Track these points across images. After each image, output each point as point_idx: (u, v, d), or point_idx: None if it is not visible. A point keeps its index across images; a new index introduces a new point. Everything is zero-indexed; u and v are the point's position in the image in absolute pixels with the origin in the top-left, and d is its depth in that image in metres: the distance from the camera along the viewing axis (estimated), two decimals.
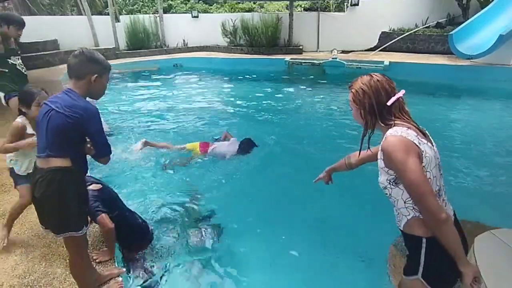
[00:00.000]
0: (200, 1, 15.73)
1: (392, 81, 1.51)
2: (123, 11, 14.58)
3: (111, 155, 1.93)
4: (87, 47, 1.89)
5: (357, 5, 10.91)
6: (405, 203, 1.45)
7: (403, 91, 1.49)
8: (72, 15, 15.19)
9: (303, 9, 13.05)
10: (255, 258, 2.70)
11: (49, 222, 1.83)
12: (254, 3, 14.37)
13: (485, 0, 9.37)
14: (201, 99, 7.36)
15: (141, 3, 15.48)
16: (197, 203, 3.40)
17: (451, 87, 7.69)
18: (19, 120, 2.45)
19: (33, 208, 1.88)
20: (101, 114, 1.82)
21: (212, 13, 14.15)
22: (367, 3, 10.89)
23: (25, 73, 3.91)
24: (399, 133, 1.38)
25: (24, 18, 3.82)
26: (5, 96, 3.75)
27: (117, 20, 11.41)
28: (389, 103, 1.45)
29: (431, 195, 1.32)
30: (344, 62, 9.21)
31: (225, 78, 9.62)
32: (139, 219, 2.75)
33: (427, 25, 10.53)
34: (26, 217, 2.85)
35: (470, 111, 6.38)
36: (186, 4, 15.15)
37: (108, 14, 11.57)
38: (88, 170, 1.97)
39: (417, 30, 10.34)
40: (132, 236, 2.64)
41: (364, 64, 9.02)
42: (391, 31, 10.73)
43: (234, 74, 9.72)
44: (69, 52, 8.31)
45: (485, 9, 8.61)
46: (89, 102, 1.82)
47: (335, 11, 12.16)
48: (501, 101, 6.86)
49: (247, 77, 9.28)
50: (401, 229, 1.53)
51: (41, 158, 1.74)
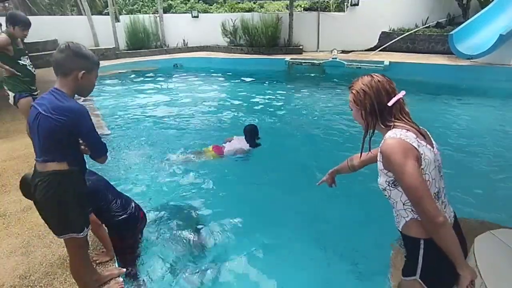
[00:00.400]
0: (200, 1, 15.73)
1: (392, 81, 1.51)
2: (123, 11, 14.60)
3: (108, 154, 1.88)
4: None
5: (357, 5, 10.92)
6: (404, 204, 1.45)
7: (403, 92, 1.48)
8: (72, 15, 15.22)
9: (303, 9, 13.05)
10: (255, 258, 2.70)
11: (50, 224, 1.83)
12: (254, 3, 14.37)
13: (485, 0, 9.37)
14: (201, 99, 7.36)
15: (141, 3, 15.49)
16: (195, 205, 3.40)
17: (451, 87, 7.68)
18: None
19: (33, 208, 1.88)
20: (100, 114, 1.80)
21: (212, 13, 14.15)
22: (367, 3, 10.89)
23: (34, 72, 3.91)
24: (398, 136, 1.37)
25: None
26: (15, 96, 3.75)
27: (117, 20, 11.43)
28: (390, 104, 1.44)
29: (429, 199, 1.32)
30: (344, 62, 9.21)
31: (225, 78, 9.61)
32: (118, 217, 2.40)
33: (427, 25, 10.53)
34: (26, 218, 2.87)
35: (470, 111, 6.37)
36: (186, 4, 15.15)
37: (108, 14, 11.59)
38: (86, 169, 1.92)
39: (417, 30, 10.34)
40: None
41: (364, 64, 9.01)
42: (391, 31, 10.74)
43: (234, 74, 9.72)
44: None
45: (485, 9, 8.60)
46: (77, 101, 1.72)
47: (335, 11, 12.16)
48: (501, 101, 6.86)
49: (247, 77, 9.27)
50: (400, 230, 1.54)
51: (39, 162, 1.72)
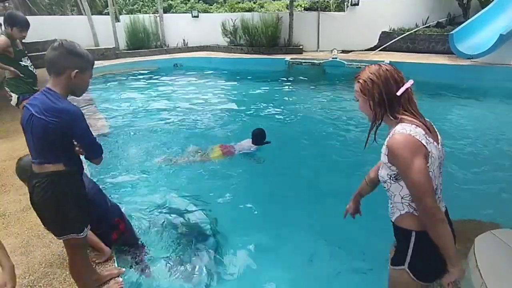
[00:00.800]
0: (200, 1, 15.72)
1: (400, 71, 1.45)
2: (123, 11, 14.58)
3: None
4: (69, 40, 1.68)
5: (357, 4, 10.89)
6: (402, 198, 1.45)
7: (411, 81, 1.43)
8: (72, 15, 15.21)
9: (303, 8, 13.02)
10: (255, 258, 2.70)
11: (50, 225, 1.82)
12: (254, 3, 14.36)
13: (485, 0, 9.36)
14: (201, 99, 7.35)
15: (141, 3, 15.47)
16: (196, 205, 3.40)
17: (452, 87, 7.67)
18: None
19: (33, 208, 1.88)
20: (101, 114, 1.79)
21: (212, 13, 14.13)
22: (367, 3, 10.87)
23: (36, 73, 3.91)
24: (407, 131, 1.35)
25: None
26: (18, 97, 3.75)
27: (117, 20, 11.42)
28: (399, 93, 1.40)
29: (432, 196, 1.33)
30: (344, 62, 9.21)
31: (225, 78, 9.61)
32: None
33: (427, 25, 10.51)
34: (26, 217, 2.86)
35: (470, 110, 6.37)
36: (186, 4, 15.13)
37: (108, 14, 11.58)
38: (83, 169, 1.89)
39: (417, 29, 10.33)
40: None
41: (364, 64, 8.97)
42: (391, 31, 10.71)
43: (234, 74, 9.71)
44: None
45: (486, 8, 8.59)
46: (70, 102, 1.67)
47: (335, 11, 12.13)
48: (501, 100, 6.85)
49: (247, 77, 9.26)
50: (393, 221, 1.54)
51: (35, 164, 1.70)
